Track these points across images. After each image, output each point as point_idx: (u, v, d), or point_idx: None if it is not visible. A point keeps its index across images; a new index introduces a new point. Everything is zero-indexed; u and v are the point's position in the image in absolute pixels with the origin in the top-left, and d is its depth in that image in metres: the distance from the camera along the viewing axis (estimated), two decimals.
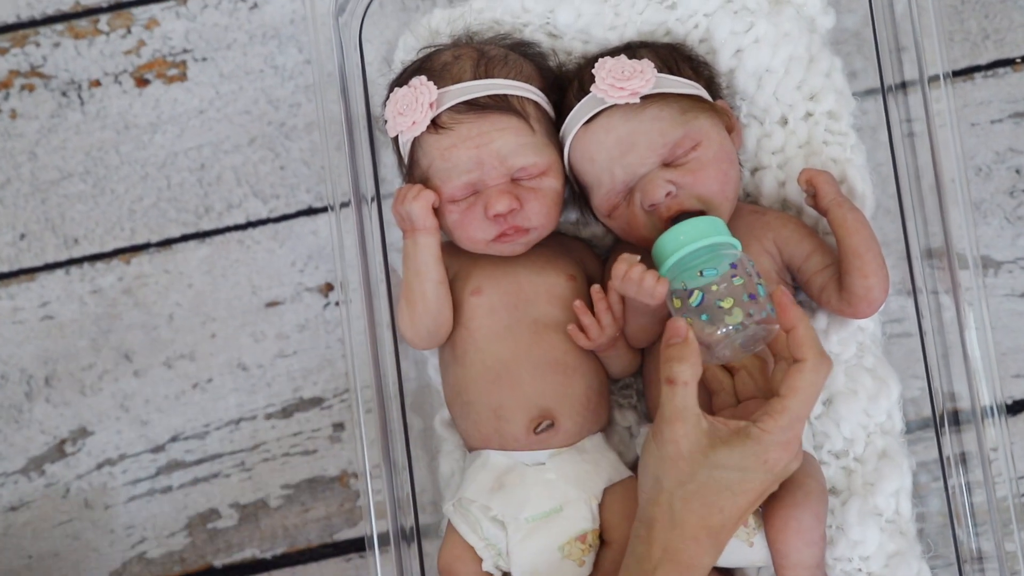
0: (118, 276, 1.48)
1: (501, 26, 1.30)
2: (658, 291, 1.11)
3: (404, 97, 1.19)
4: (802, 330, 1.05)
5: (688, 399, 1.04)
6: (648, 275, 1.12)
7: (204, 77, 1.50)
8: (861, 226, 1.19)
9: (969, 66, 1.45)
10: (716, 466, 1.04)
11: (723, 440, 1.04)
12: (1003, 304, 1.42)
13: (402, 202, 1.19)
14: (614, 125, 1.18)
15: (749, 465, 1.04)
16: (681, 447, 1.04)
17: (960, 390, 1.22)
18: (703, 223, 1.11)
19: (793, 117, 1.29)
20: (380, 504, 1.20)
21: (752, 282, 1.07)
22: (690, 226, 1.11)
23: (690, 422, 1.04)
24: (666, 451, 1.05)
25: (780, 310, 1.05)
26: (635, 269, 1.13)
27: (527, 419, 1.20)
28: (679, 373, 1.04)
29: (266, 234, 1.48)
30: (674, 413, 1.04)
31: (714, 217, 1.13)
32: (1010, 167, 1.44)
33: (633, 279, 1.13)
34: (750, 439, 1.04)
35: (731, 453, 1.04)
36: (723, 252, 1.10)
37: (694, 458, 1.04)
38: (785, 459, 1.06)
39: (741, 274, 1.08)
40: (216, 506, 1.45)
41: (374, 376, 1.22)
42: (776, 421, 1.04)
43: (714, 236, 1.10)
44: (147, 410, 1.46)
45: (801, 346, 1.05)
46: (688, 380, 1.04)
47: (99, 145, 1.49)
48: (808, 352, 1.05)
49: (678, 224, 1.12)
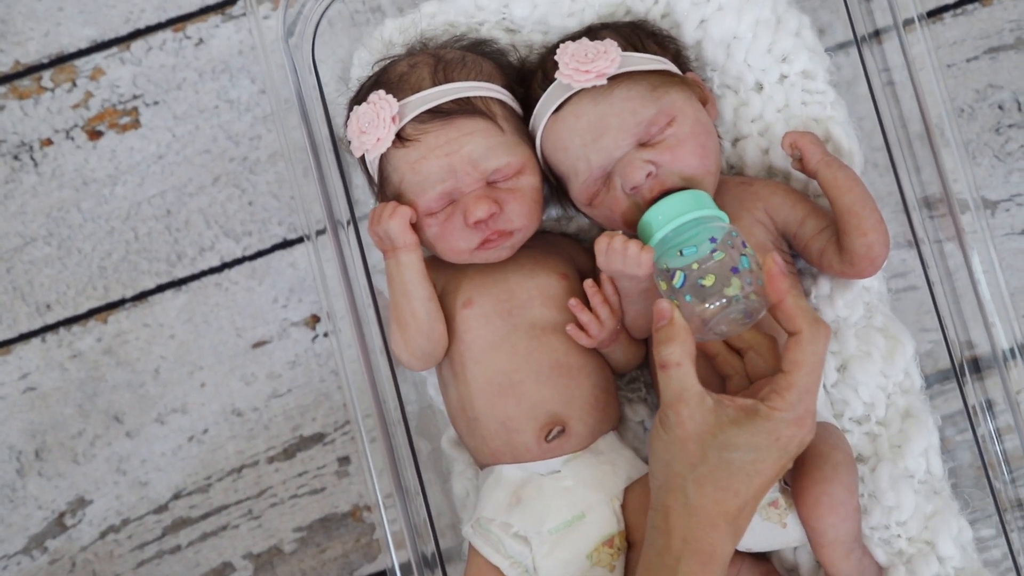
0: (96, 337, 1.43)
1: (456, 28, 1.26)
2: (643, 259, 1.08)
3: (365, 114, 1.15)
4: (790, 301, 1.01)
5: (686, 380, 1.01)
6: (631, 244, 1.09)
7: (158, 121, 1.45)
8: (853, 183, 1.16)
9: (937, 6, 1.42)
10: (727, 446, 1.00)
11: (732, 419, 1.01)
12: (1005, 244, 1.39)
13: (378, 222, 1.15)
14: (584, 110, 1.14)
15: (761, 444, 1.00)
16: (688, 428, 1.01)
17: (976, 337, 1.19)
18: (683, 198, 1.08)
19: (768, 81, 1.26)
20: (397, 534, 1.17)
21: (736, 254, 1.04)
22: (668, 204, 1.08)
23: (693, 401, 1.01)
24: (673, 434, 1.01)
25: (768, 282, 1.02)
26: (616, 240, 1.10)
27: (536, 427, 1.16)
28: (669, 355, 1.01)
29: (243, 273, 1.44)
30: (674, 396, 1.01)
31: (695, 191, 1.09)
32: (992, 104, 1.40)
33: (617, 250, 1.10)
34: (759, 417, 1.00)
35: (740, 432, 1.00)
36: (704, 227, 1.06)
37: (703, 439, 1.00)
38: (799, 436, 1.02)
39: (723, 248, 1.04)
40: (229, 559, 1.41)
41: (374, 404, 1.18)
42: (784, 398, 1.00)
43: (695, 210, 1.07)
44: (145, 470, 1.41)
45: (792, 318, 1.01)
46: (680, 360, 1.01)
47: (59, 205, 1.44)
48: (801, 322, 1.01)
49: (658, 203, 1.08)
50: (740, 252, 1.04)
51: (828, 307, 1.23)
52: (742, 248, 1.04)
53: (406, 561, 1.16)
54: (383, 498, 1.17)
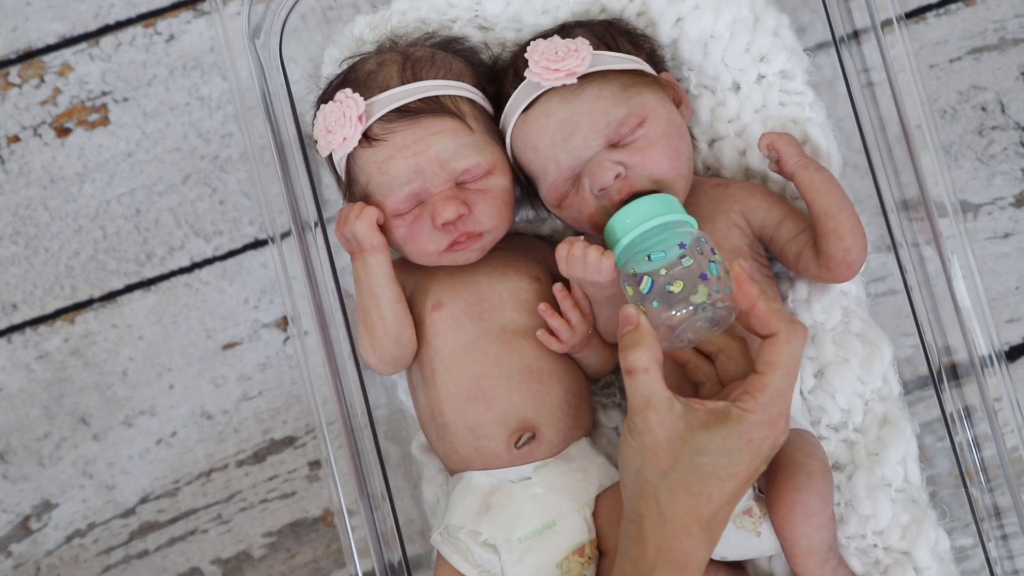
0: (63, 338, 1.40)
1: (428, 25, 1.24)
2: (604, 265, 1.07)
3: (331, 113, 1.13)
4: (762, 305, 0.99)
5: (652, 385, 0.99)
6: (591, 250, 1.07)
7: (128, 118, 1.42)
8: (831, 186, 1.14)
9: (920, 6, 1.40)
10: (698, 451, 0.98)
11: (702, 423, 0.99)
12: (987, 248, 1.37)
13: (344, 223, 1.13)
14: (553, 109, 1.12)
15: (733, 447, 0.99)
16: (657, 435, 0.99)
17: (955, 343, 1.18)
18: (651, 202, 1.06)
19: (745, 82, 1.23)
20: (361, 541, 1.15)
21: (704, 261, 1.01)
22: (637, 207, 1.05)
23: (662, 407, 0.99)
24: (643, 441, 0.99)
25: (737, 289, 1.00)
26: (576, 246, 1.08)
27: (506, 434, 1.14)
28: (635, 361, 0.99)
29: (214, 274, 1.41)
30: (642, 402, 0.99)
31: (663, 194, 1.07)
32: (975, 105, 1.38)
33: (576, 256, 1.08)
34: (731, 420, 0.98)
35: (712, 436, 0.98)
36: (673, 232, 1.04)
37: (673, 444, 0.98)
38: (772, 438, 1.00)
39: (691, 254, 1.01)
40: (197, 564, 1.38)
41: (339, 409, 1.16)
42: (757, 399, 0.98)
43: (663, 215, 1.05)
44: (111, 473, 1.39)
45: (768, 321, 0.99)
46: (647, 366, 0.99)
47: (26, 203, 1.42)
48: (777, 324, 0.99)
49: (626, 206, 1.06)
50: (709, 259, 1.02)
51: (805, 311, 1.21)
52: (711, 255, 1.02)
53: (370, 570, 1.14)
54: (347, 505, 1.15)
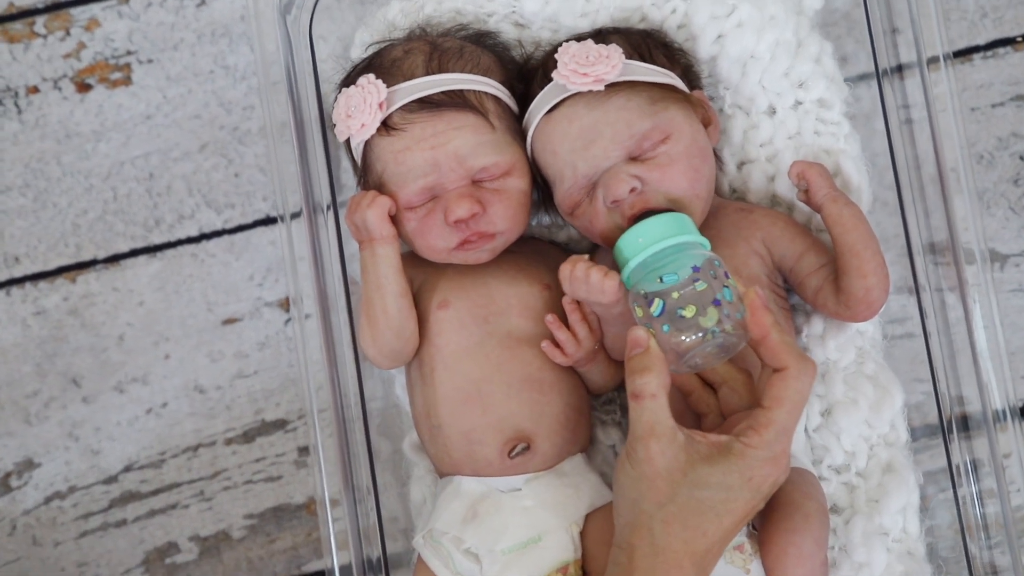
0: (63, 296, 1.38)
1: (463, 16, 1.21)
2: (608, 286, 1.04)
3: (352, 98, 1.10)
4: (775, 336, 0.96)
5: (659, 412, 0.96)
6: (594, 271, 1.05)
7: (150, 80, 1.40)
8: (858, 222, 1.11)
9: (967, 47, 1.37)
10: (697, 485, 0.96)
11: (703, 456, 0.96)
12: (1011, 300, 1.34)
13: (356, 210, 1.10)
14: (577, 114, 1.09)
15: (733, 483, 0.96)
16: (657, 465, 0.96)
17: (969, 394, 1.15)
18: (664, 221, 1.02)
19: (781, 106, 1.20)
20: (342, 534, 1.12)
21: (718, 285, 0.98)
22: (650, 226, 1.02)
23: (665, 437, 0.96)
24: (642, 471, 0.97)
25: (751, 317, 0.97)
26: (579, 266, 1.06)
27: (501, 442, 1.11)
28: (644, 386, 0.96)
29: (221, 246, 1.39)
30: (645, 429, 0.96)
31: (678, 214, 1.04)
32: (1014, 153, 1.35)
33: (579, 277, 1.06)
34: (733, 455, 0.96)
35: (713, 471, 0.96)
36: (686, 253, 1.00)
37: (672, 476, 0.96)
38: (773, 476, 0.98)
39: (705, 278, 0.98)
40: (175, 539, 1.36)
41: (332, 398, 1.13)
42: (761, 435, 0.95)
43: (677, 236, 1.01)
44: (98, 438, 1.37)
45: (779, 354, 0.96)
46: (655, 392, 0.96)
47: (39, 156, 1.39)
48: (788, 358, 0.96)
49: (639, 224, 1.03)
50: (723, 283, 0.98)
51: (819, 347, 1.18)
52: (724, 279, 0.99)
53: (347, 563, 1.12)
54: (331, 496, 1.13)
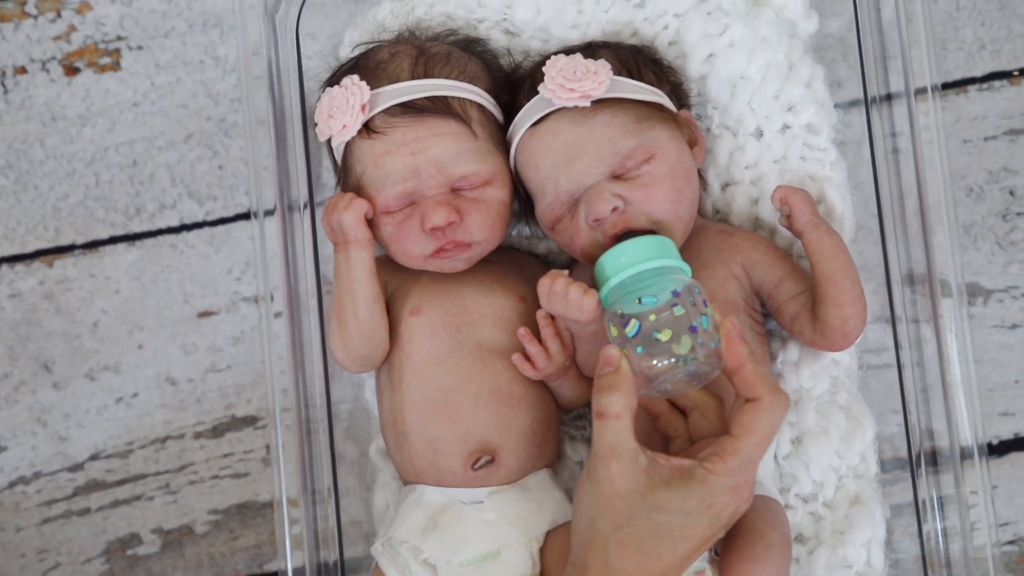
0: (39, 280, 1.37)
1: (453, 21, 1.20)
2: (586, 304, 1.03)
3: (335, 98, 1.09)
4: (750, 368, 0.95)
5: (622, 433, 0.95)
6: (573, 287, 1.04)
7: (139, 67, 1.39)
8: (838, 251, 1.10)
9: (963, 78, 1.35)
10: (655, 508, 0.94)
11: (664, 480, 0.95)
12: (992, 336, 1.32)
13: (332, 212, 1.09)
14: (562, 129, 1.08)
15: (692, 509, 0.95)
16: (616, 486, 0.95)
17: (939, 428, 1.14)
18: (648, 243, 1.01)
19: (769, 129, 1.19)
20: (298, 536, 1.12)
21: (696, 312, 0.97)
22: (633, 246, 1.01)
23: (626, 459, 0.95)
24: (601, 490, 0.96)
25: (726, 347, 0.96)
26: (558, 282, 1.05)
27: (465, 453, 1.10)
28: (609, 405, 0.95)
29: (201, 238, 1.37)
30: (607, 449, 0.95)
31: (661, 237, 1.03)
32: (1004, 188, 1.34)
33: (558, 293, 1.04)
34: (694, 480, 0.95)
35: (672, 495, 0.94)
36: (667, 277, 0.99)
37: (631, 499, 0.95)
38: (734, 505, 0.97)
39: (684, 303, 0.97)
40: (137, 531, 1.35)
41: (296, 397, 1.13)
42: (725, 463, 0.94)
43: (659, 259, 1.00)
44: (66, 425, 1.35)
45: (753, 385, 0.95)
46: (620, 412, 0.95)
47: (23, 137, 1.38)
48: (762, 389, 0.95)
49: (620, 244, 1.02)
50: (700, 311, 0.97)
51: (793, 375, 1.17)
52: (703, 307, 0.98)
53: (301, 565, 1.11)
54: (288, 495, 1.12)
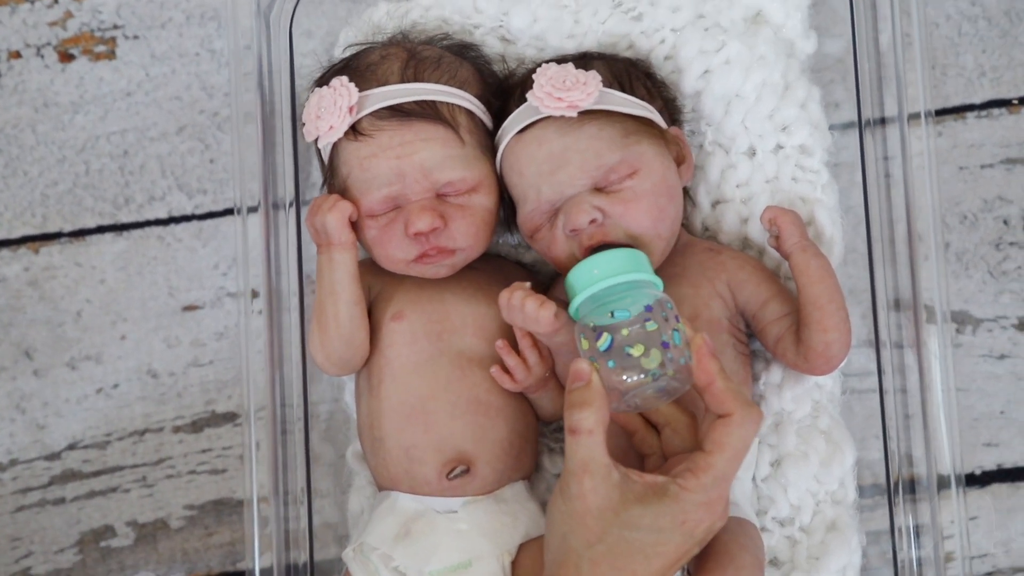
0: (24, 266, 1.36)
1: (449, 26, 1.19)
2: (543, 316, 1.03)
3: (323, 98, 1.08)
4: (721, 383, 0.95)
5: (594, 449, 0.94)
6: (530, 299, 1.03)
7: (134, 57, 1.38)
8: (825, 275, 1.09)
9: (962, 104, 1.34)
10: (628, 525, 0.94)
11: (637, 497, 0.94)
12: (979, 365, 1.31)
13: (316, 213, 1.09)
14: (547, 137, 1.07)
15: (665, 526, 0.94)
16: (589, 502, 0.94)
17: (919, 456, 1.13)
18: (621, 256, 1.00)
19: (762, 149, 1.18)
20: (267, 536, 1.12)
21: (668, 327, 0.96)
22: (606, 259, 1.00)
23: (598, 475, 0.94)
24: (573, 507, 0.95)
25: (697, 363, 0.95)
26: (515, 294, 1.04)
27: (440, 462, 1.09)
28: (581, 421, 0.94)
29: (189, 231, 1.37)
30: (579, 466, 0.94)
31: (635, 250, 1.02)
32: (998, 217, 1.33)
33: (515, 306, 1.04)
34: (667, 497, 0.94)
35: (645, 512, 0.94)
36: (640, 291, 0.98)
37: (604, 515, 0.94)
38: (707, 521, 0.96)
39: (656, 318, 0.96)
40: (112, 523, 1.34)
41: (272, 396, 1.13)
42: (698, 479, 0.93)
43: (632, 272, 0.99)
44: (45, 413, 1.35)
45: (724, 401, 0.95)
46: (592, 428, 0.94)
47: (14, 122, 1.38)
48: (733, 405, 0.94)
49: (594, 256, 1.01)
50: (673, 326, 0.96)
51: (775, 397, 1.16)
52: (675, 322, 0.97)
53: (269, 566, 1.11)
54: (259, 496, 1.12)
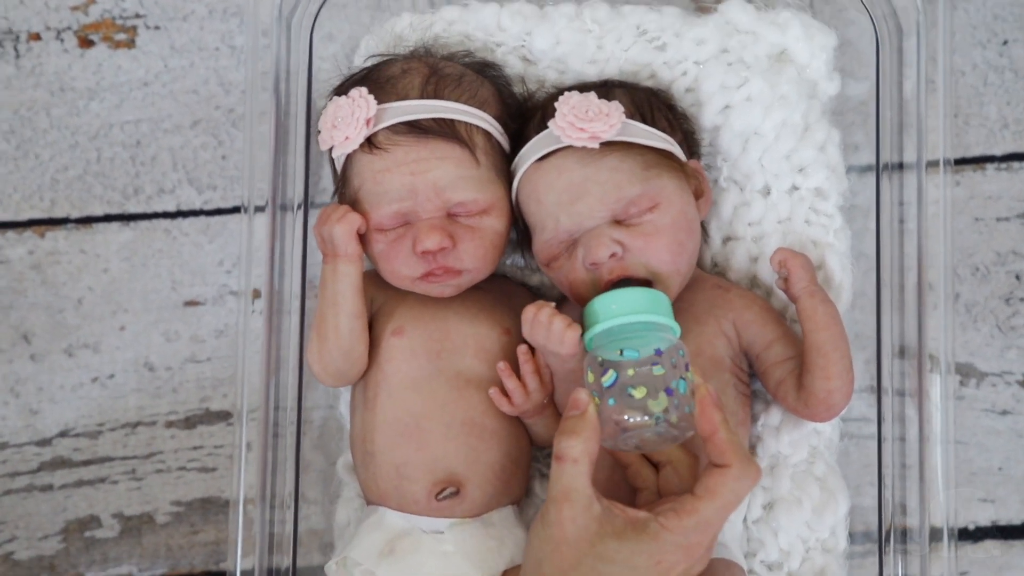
0: (29, 249, 1.35)
1: (471, 42, 1.18)
2: (568, 337, 1.02)
3: (341, 108, 1.07)
4: (723, 435, 0.94)
5: (578, 479, 0.94)
6: (558, 319, 1.02)
7: (154, 47, 1.37)
8: (832, 321, 1.08)
9: (982, 155, 1.33)
10: (603, 558, 0.93)
11: (616, 531, 0.93)
12: (981, 420, 1.30)
13: (324, 223, 1.08)
14: (568, 167, 1.06)
15: (639, 563, 0.93)
16: (566, 531, 0.93)
17: (913, 507, 1.12)
18: (643, 296, 0.99)
19: (777, 188, 1.17)
20: (250, 539, 1.12)
21: (675, 374, 0.95)
22: (627, 296, 0.99)
23: (579, 504, 0.93)
24: (550, 533, 0.94)
25: (700, 413, 0.94)
26: (543, 312, 1.03)
27: (430, 482, 1.08)
28: (568, 449, 0.94)
29: (196, 227, 1.36)
30: (561, 493, 0.94)
31: (658, 292, 1.01)
32: (1010, 271, 1.31)
33: (542, 323, 1.03)
34: (646, 534, 0.93)
35: (621, 546, 0.93)
36: (654, 334, 0.98)
37: (579, 545, 0.93)
38: (683, 564, 0.94)
39: (665, 364, 0.95)
40: (98, 513, 1.33)
41: (265, 397, 1.12)
42: (681, 521, 0.93)
43: (650, 314, 0.98)
44: (39, 399, 1.34)
45: (725, 452, 0.94)
46: (578, 458, 0.94)
47: (29, 104, 1.37)
48: (733, 458, 0.94)
49: (616, 291, 1.00)
50: (680, 374, 0.96)
51: (773, 439, 1.15)
52: (683, 370, 0.96)
53: (250, 568, 1.11)
54: (246, 499, 1.12)
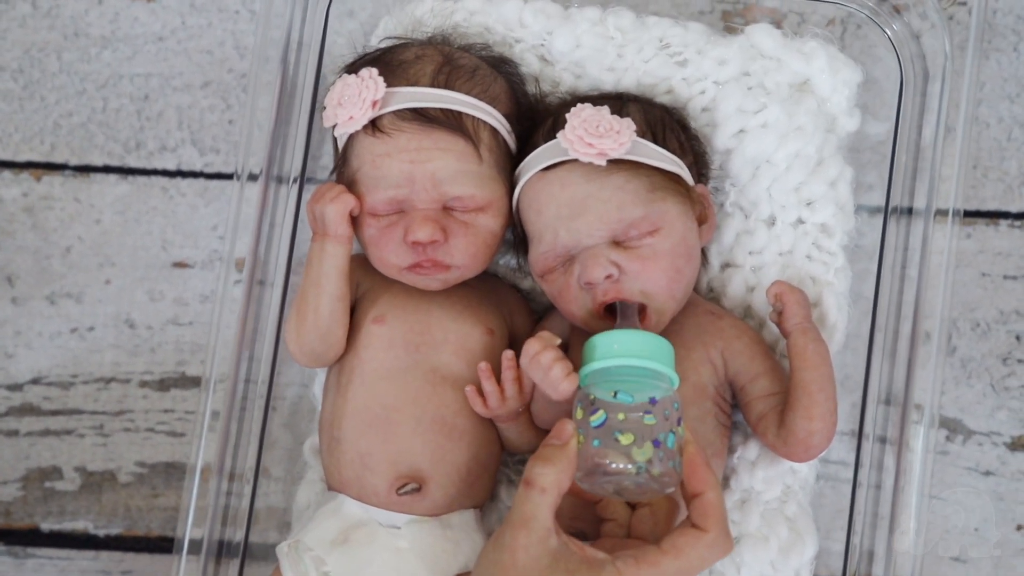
0: (23, 191, 1.34)
1: (490, 35, 1.16)
2: (563, 388, 0.99)
3: (349, 87, 1.05)
4: (711, 498, 0.92)
5: (541, 508, 0.91)
6: (558, 365, 0.99)
7: (173, 2, 1.35)
8: (821, 362, 1.06)
9: (997, 210, 1.31)
10: None
11: (569, 568, 0.90)
12: (963, 478, 1.28)
13: (318, 201, 1.06)
14: (572, 181, 1.04)
15: None
16: (517, 558, 0.91)
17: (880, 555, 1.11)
18: (647, 341, 0.97)
19: (782, 220, 1.15)
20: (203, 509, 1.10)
21: (665, 427, 0.93)
22: (631, 338, 0.97)
23: (535, 535, 0.91)
24: (501, 557, 0.92)
25: (689, 471, 0.92)
26: (547, 353, 1.00)
27: (393, 475, 1.06)
28: (539, 477, 0.91)
29: (194, 188, 1.34)
30: (520, 519, 0.91)
31: (664, 340, 0.98)
32: (1011, 331, 1.29)
33: (542, 364, 1.00)
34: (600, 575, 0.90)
35: None
36: (653, 383, 0.95)
37: (527, 575, 0.90)
38: None
39: (657, 414, 0.93)
40: (60, 465, 1.31)
41: (235, 368, 1.10)
42: (639, 570, 0.90)
43: (652, 360, 0.95)
44: (15, 343, 1.32)
45: (708, 517, 0.92)
46: (547, 487, 0.91)
47: (41, 45, 1.35)
48: (713, 525, 0.91)
49: (622, 330, 0.98)
50: (671, 427, 0.93)
51: (747, 473, 1.13)
52: (675, 424, 0.94)
53: (199, 538, 1.10)
54: (203, 464, 1.11)
